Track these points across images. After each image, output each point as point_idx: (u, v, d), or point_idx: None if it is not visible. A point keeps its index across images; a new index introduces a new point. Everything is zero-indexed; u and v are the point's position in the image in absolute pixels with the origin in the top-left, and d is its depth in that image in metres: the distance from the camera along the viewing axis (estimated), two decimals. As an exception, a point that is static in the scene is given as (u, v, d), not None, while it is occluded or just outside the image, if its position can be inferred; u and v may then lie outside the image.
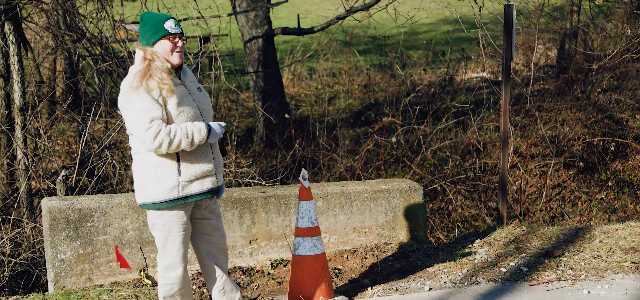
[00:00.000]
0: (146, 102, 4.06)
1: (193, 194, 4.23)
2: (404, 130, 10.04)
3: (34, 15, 8.67)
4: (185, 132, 4.12)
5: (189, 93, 4.28)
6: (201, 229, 4.48)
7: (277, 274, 5.71)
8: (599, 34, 13.23)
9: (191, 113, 4.20)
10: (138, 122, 4.06)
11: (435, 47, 15.50)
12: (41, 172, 7.26)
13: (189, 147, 4.15)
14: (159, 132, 4.05)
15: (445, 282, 5.26)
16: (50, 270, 5.29)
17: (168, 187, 4.16)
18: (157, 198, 4.18)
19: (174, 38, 4.20)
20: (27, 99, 7.94)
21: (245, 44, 11.63)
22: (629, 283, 5.11)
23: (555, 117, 9.88)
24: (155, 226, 4.29)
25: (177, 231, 4.28)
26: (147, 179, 4.19)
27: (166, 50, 4.19)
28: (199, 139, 4.16)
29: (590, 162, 9.34)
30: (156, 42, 4.20)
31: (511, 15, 6.49)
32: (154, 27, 4.20)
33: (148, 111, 4.06)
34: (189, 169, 4.20)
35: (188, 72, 4.40)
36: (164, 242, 4.29)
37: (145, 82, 4.08)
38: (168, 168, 4.17)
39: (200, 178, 4.25)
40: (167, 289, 4.40)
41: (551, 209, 8.91)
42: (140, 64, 4.17)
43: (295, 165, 9.08)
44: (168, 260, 4.32)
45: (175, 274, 4.35)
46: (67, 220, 5.29)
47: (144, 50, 4.21)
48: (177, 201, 4.19)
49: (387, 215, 6.15)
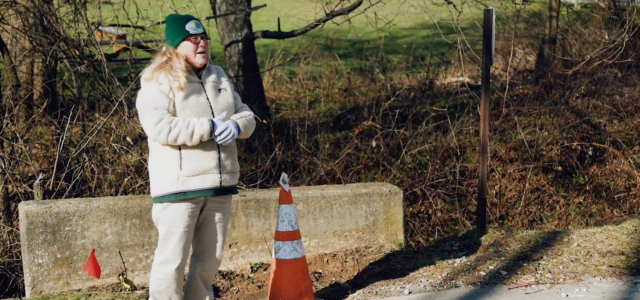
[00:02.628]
0: (154, 92, 4.22)
1: (193, 189, 4.28)
2: (384, 134, 10.06)
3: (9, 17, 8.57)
4: (187, 124, 4.21)
5: (205, 91, 4.35)
6: (203, 231, 4.50)
7: (257, 278, 5.68)
8: (577, 39, 13.36)
9: (198, 109, 4.28)
10: (144, 110, 4.21)
11: (415, 52, 15.55)
12: (18, 175, 7.17)
13: (190, 139, 4.22)
14: (161, 120, 4.17)
15: (425, 286, 5.27)
16: (28, 275, 5.23)
17: (169, 180, 4.26)
18: (160, 191, 4.29)
19: (196, 39, 4.32)
20: (4, 102, 7.84)
21: (225, 48, 11.60)
22: (606, 286, 5.15)
23: (534, 122, 9.95)
24: (159, 220, 4.37)
25: (177, 227, 4.33)
26: (154, 174, 4.33)
27: (189, 51, 4.31)
28: (200, 133, 4.22)
29: (568, 166, 9.42)
30: (179, 43, 4.32)
31: (490, 20, 6.51)
32: (177, 29, 4.33)
33: (155, 100, 4.20)
34: (190, 164, 4.27)
35: (214, 72, 4.46)
36: (164, 236, 4.36)
37: (157, 75, 4.24)
38: (171, 162, 4.27)
39: (201, 174, 4.29)
40: (157, 285, 4.42)
41: (530, 213, 8.97)
42: (158, 59, 4.33)
43: (275, 169, 9.05)
44: (164, 255, 4.38)
45: (167, 269, 4.37)
46: (45, 225, 5.24)
47: (166, 47, 4.35)
48: (178, 195, 4.26)
49: (368, 219, 6.15)
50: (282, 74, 14.92)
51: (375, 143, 9.70)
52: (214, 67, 4.50)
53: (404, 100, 12.16)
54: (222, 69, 4.61)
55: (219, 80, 4.46)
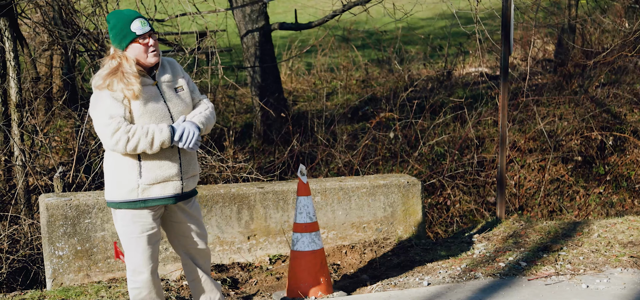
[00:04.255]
0: (108, 100, 3.94)
1: (153, 198, 4.08)
2: (402, 125, 10.03)
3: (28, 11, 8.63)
4: (146, 132, 3.97)
5: (161, 94, 4.10)
6: (177, 231, 4.35)
7: (276, 270, 5.70)
8: (597, 28, 13.23)
9: (157, 115, 4.04)
10: (99, 119, 3.96)
11: (432, 42, 15.48)
12: (38, 168, 7.24)
13: (149, 148, 3.99)
14: (118, 130, 3.93)
15: (443, 277, 5.26)
16: (48, 267, 5.28)
17: (128, 188, 4.05)
18: (117, 198, 4.08)
19: (144, 39, 4.02)
20: (24, 96, 7.90)
21: (242, 39, 11.61)
22: (628, 277, 5.11)
23: (553, 112, 9.88)
24: (118, 227, 4.17)
25: (139, 233, 4.12)
26: (110, 178, 4.10)
27: (139, 52, 4.02)
28: (160, 140, 3.99)
29: (588, 156, 9.34)
30: (127, 46, 4.01)
31: (509, 9, 6.46)
32: (122, 31, 4.01)
33: (109, 109, 3.94)
34: (150, 173, 4.05)
35: (168, 69, 4.19)
36: (128, 244, 4.15)
37: (109, 82, 3.96)
38: (129, 169, 4.04)
39: (162, 182, 4.09)
40: (136, 293, 4.24)
41: (549, 203, 8.91)
42: (108, 63, 4.04)
43: (293, 161, 9.06)
44: (133, 264, 4.17)
45: (141, 277, 4.19)
46: (65, 217, 5.28)
47: (115, 50, 4.05)
48: (137, 203, 4.06)
49: (386, 210, 6.14)
50: (300, 66, 14.91)
51: (393, 134, 9.68)
52: (166, 61, 4.22)
53: (421, 91, 12.12)
54: (176, 62, 4.31)
55: (175, 78, 4.19)
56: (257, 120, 11.17)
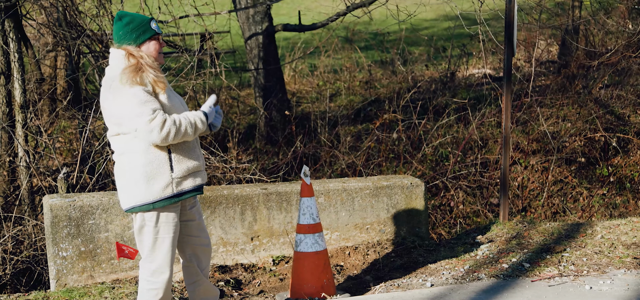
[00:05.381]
0: (144, 95, 3.99)
1: (187, 190, 4.15)
2: (405, 126, 10.03)
3: (33, 12, 8.66)
4: (189, 120, 4.10)
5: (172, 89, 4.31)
6: (187, 231, 4.38)
7: (279, 271, 5.70)
8: (600, 29, 13.21)
9: (180, 108, 4.21)
10: (139, 115, 3.96)
11: (436, 43, 15.48)
12: (42, 169, 7.26)
13: (193, 135, 4.13)
14: (165, 121, 3.98)
15: (447, 278, 5.26)
16: (52, 268, 5.29)
17: (162, 185, 4.06)
18: (149, 198, 4.06)
19: (159, 40, 4.19)
20: (28, 97, 7.93)
21: (246, 41, 11.62)
22: (631, 279, 5.10)
23: (557, 113, 9.87)
24: (144, 229, 4.14)
25: (167, 232, 4.16)
26: (137, 180, 4.06)
27: (154, 50, 4.16)
28: (201, 127, 4.16)
29: (591, 157, 9.33)
30: (144, 41, 4.13)
31: (513, 10, 6.46)
32: (142, 27, 4.13)
33: (148, 103, 3.98)
34: (181, 165, 4.12)
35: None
36: (153, 244, 4.15)
37: (139, 77, 4.00)
38: (160, 166, 4.06)
39: (193, 173, 4.18)
40: (153, 295, 4.21)
41: (553, 204, 8.90)
42: (126, 62, 4.07)
43: (296, 162, 9.07)
44: (156, 264, 4.18)
45: (162, 278, 4.19)
46: (69, 218, 5.29)
47: (126, 48, 4.10)
48: (172, 199, 4.09)
49: (389, 211, 6.14)
50: (303, 67, 14.92)
51: (396, 135, 9.68)
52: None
53: (425, 92, 12.12)
54: None
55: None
56: (260, 121, 11.18)
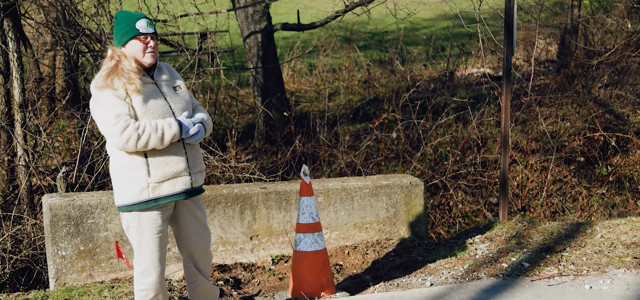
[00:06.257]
0: (112, 100, 3.98)
1: (164, 195, 4.11)
2: (404, 125, 10.03)
3: (32, 11, 8.64)
4: (155, 127, 4.01)
5: (161, 92, 4.16)
6: (184, 233, 4.37)
7: (278, 270, 5.70)
8: (600, 29, 13.22)
9: (159, 112, 4.09)
10: (105, 119, 3.98)
11: (435, 43, 15.48)
12: (41, 168, 7.25)
13: (160, 143, 4.04)
14: (127, 127, 3.95)
15: (446, 278, 5.26)
16: (51, 267, 5.28)
17: (138, 188, 4.07)
18: (128, 200, 4.10)
19: (145, 38, 4.10)
20: (27, 96, 7.91)
21: (245, 40, 11.61)
22: (631, 278, 5.10)
23: (556, 112, 9.87)
24: (130, 229, 4.18)
25: (151, 235, 4.16)
26: (119, 182, 4.12)
27: (137, 50, 4.10)
28: (170, 135, 4.05)
29: (590, 157, 9.33)
30: (127, 42, 4.10)
31: (512, 9, 6.46)
32: (126, 27, 4.10)
33: (114, 107, 3.97)
34: (159, 170, 4.09)
35: (165, 70, 4.27)
36: (139, 246, 4.18)
37: (110, 81, 4.00)
38: (137, 169, 4.07)
39: (171, 179, 4.12)
40: (144, 295, 4.25)
41: (552, 204, 8.90)
42: (107, 64, 4.09)
43: (295, 161, 9.06)
44: (143, 266, 4.20)
45: (149, 279, 4.21)
46: (68, 217, 5.28)
47: (113, 50, 4.12)
48: (148, 203, 4.08)
49: (388, 210, 6.14)
50: (302, 66, 14.91)
51: (395, 135, 9.67)
52: (164, 65, 4.30)
53: (424, 92, 12.12)
54: (172, 67, 4.41)
55: (172, 79, 4.27)
56: (259, 120, 11.18)
